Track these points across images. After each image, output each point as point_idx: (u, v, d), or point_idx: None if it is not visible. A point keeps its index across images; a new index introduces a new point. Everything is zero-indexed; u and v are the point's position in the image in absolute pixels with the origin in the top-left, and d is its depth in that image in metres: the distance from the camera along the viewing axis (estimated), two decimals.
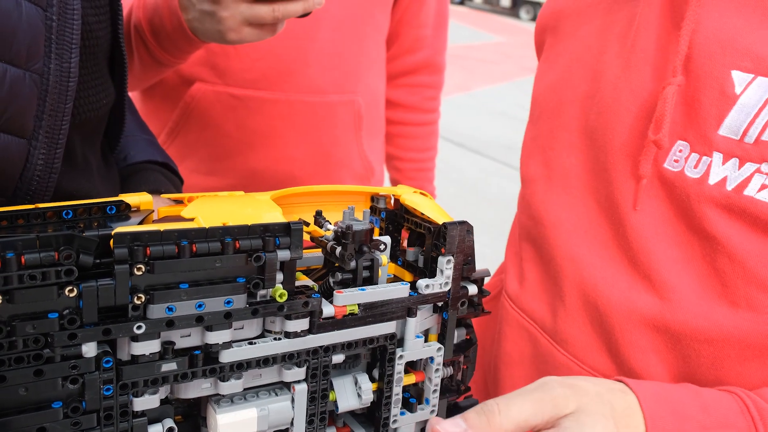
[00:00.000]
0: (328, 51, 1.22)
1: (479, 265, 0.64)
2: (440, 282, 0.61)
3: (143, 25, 1.02)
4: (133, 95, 1.34)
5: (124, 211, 0.56)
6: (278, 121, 1.22)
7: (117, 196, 0.76)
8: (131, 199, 0.56)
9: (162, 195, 0.58)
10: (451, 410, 0.68)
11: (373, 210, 0.70)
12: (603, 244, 0.76)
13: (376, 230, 0.70)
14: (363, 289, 0.58)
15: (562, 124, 0.82)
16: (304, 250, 0.66)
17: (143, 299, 0.48)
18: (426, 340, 0.64)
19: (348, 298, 0.57)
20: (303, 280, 0.60)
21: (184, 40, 0.98)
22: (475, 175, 5.50)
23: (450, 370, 0.66)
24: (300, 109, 1.22)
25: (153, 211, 0.57)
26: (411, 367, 0.64)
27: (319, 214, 0.62)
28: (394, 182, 1.57)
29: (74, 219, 0.53)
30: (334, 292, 0.57)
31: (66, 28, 0.58)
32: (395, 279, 0.68)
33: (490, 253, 3.99)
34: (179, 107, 1.23)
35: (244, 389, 0.55)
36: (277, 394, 0.57)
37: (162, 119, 1.27)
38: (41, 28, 0.56)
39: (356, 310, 0.57)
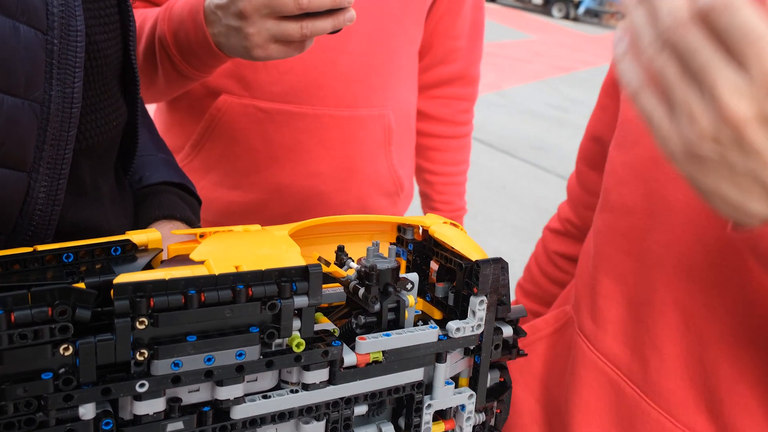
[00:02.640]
0: (358, 64, 1.17)
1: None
2: (472, 324, 0.56)
3: (168, 38, 0.99)
4: (158, 106, 1.30)
5: (130, 252, 0.52)
6: (305, 136, 1.18)
7: (130, 223, 0.73)
8: (138, 237, 0.52)
9: (173, 231, 0.54)
10: None
11: (400, 241, 0.65)
12: (715, 291, 0.67)
13: (403, 263, 0.65)
14: (388, 335, 0.53)
15: None
16: (324, 285, 0.61)
17: (146, 355, 0.44)
18: (456, 386, 0.59)
19: (372, 345, 0.52)
20: (323, 323, 0.55)
21: (210, 55, 0.95)
22: (504, 176, 5.42)
23: (482, 417, 0.61)
24: (328, 123, 1.17)
25: (162, 250, 0.53)
26: (440, 414, 0.59)
27: (341, 250, 0.58)
28: (424, 195, 1.51)
29: (75, 262, 0.49)
30: (357, 338, 0.52)
31: (69, 51, 0.54)
32: (423, 316, 0.63)
33: (519, 257, 3.92)
34: (204, 119, 1.19)
35: None
36: None
37: (186, 131, 1.23)
38: (41, 54, 0.52)
39: (380, 357, 0.53)
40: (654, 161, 0.73)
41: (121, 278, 0.43)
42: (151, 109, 1.31)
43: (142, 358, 0.44)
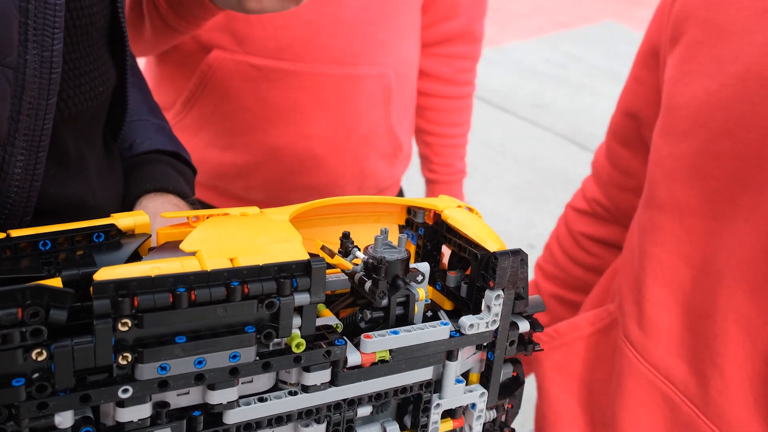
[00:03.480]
0: (358, 18, 1.10)
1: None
2: (487, 320, 0.52)
3: None
4: (147, 60, 1.24)
5: (114, 238, 0.47)
6: (300, 95, 1.12)
7: (119, 197, 0.68)
8: (124, 222, 0.47)
9: (162, 214, 0.49)
10: None
11: (409, 223, 0.60)
12: None
13: (412, 248, 0.60)
14: (396, 332, 0.48)
15: (738, 152, 0.64)
16: (327, 271, 0.57)
17: (130, 358, 0.39)
18: (467, 383, 0.55)
19: (378, 344, 0.48)
20: (325, 317, 0.50)
21: (199, 6, 0.88)
22: (501, 134, 5.34)
23: (493, 414, 0.57)
24: (325, 81, 1.11)
25: (150, 235, 0.48)
26: (449, 413, 0.55)
27: (346, 236, 0.53)
28: (423, 157, 1.46)
29: (53, 250, 0.44)
30: (362, 336, 0.47)
31: (47, 10, 0.48)
32: (432, 305, 0.59)
33: (515, 217, 3.88)
34: (196, 76, 1.13)
35: None
36: None
37: (177, 88, 1.17)
38: (14, 13, 0.46)
39: (387, 356, 0.48)
40: (714, 156, 0.66)
41: (102, 274, 0.38)
42: (141, 62, 1.25)
43: (125, 362, 0.39)
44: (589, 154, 5.10)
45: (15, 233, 0.43)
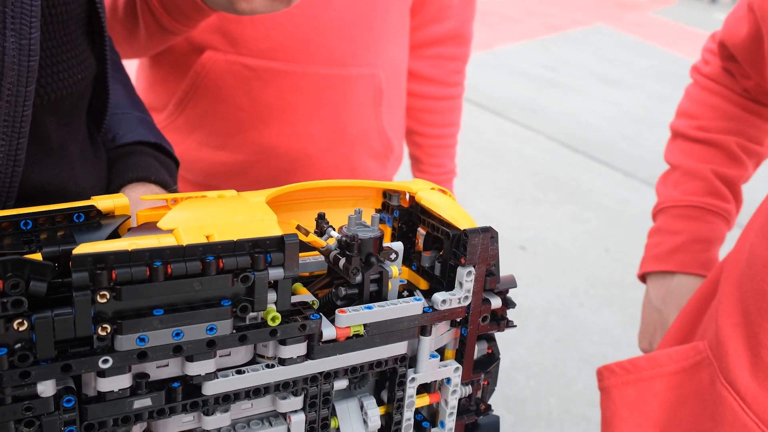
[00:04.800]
0: (348, 20, 1.12)
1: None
2: (459, 296, 0.53)
3: None
4: (141, 61, 1.25)
5: (94, 219, 0.48)
6: (293, 95, 1.13)
7: (102, 185, 0.70)
8: (104, 203, 0.49)
9: (142, 197, 0.50)
10: (469, 431, 0.61)
11: (385, 207, 0.62)
12: None
13: (388, 230, 0.62)
14: (369, 307, 0.50)
15: None
16: (304, 254, 0.58)
17: (109, 330, 0.41)
18: (442, 359, 0.57)
19: (352, 319, 0.49)
20: (302, 294, 0.52)
21: (192, 8, 0.90)
22: (493, 137, 5.37)
23: (468, 389, 0.59)
24: (316, 82, 1.13)
25: (129, 217, 0.50)
26: (425, 388, 0.57)
27: (321, 217, 0.54)
28: (414, 158, 1.47)
29: (35, 230, 0.46)
30: (336, 311, 0.49)
31: None
32: (408, 286, 0.60)
33: (506, 219, 3.90)
34: (189, 76, 1.14)
35: (233, 421, 0.49)
36: (271, 424, 0.50)
37: (170, 89, 1.19)
38: None
39: (362, 331, 0.50)
40: None
41: (81, 248, 0.40)
42: (134, 64, 1.26)
43: (104, 333, 0.41)
44: (581, 157, 5.13)
45: None
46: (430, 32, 1.34)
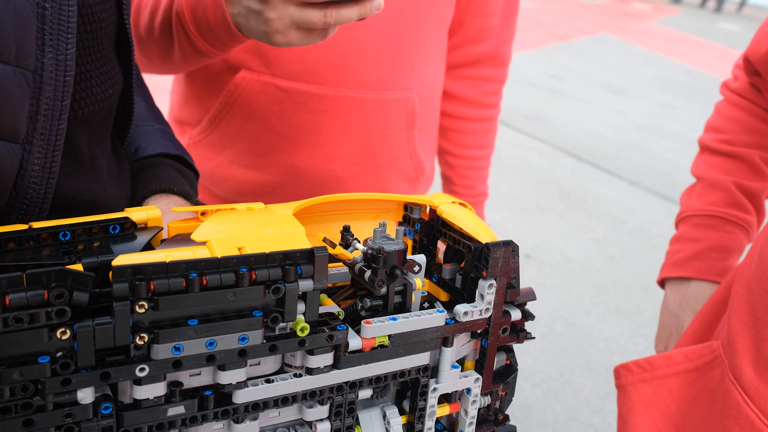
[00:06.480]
0: (385, 44, 1.11)
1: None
2: (481, 308, 0.55)
3: (185, 13, 0.94)
4: (176, 77, 1.26)
5: (129, 230, 0.50)
6: (324, 118, 1.13)
7: (127, 196, 0.71)
8: (138, 215, 0.50)
9: (173, 209, 0.52)
10: None
11: (407, 220, 0.64)
12: None
13: (409, 243, 0.63)
14: (394, 319, 0.51)
15: None
16: (329, 264, 0.60)
17: (146, 339, 0.42)
18: (462, 369, 0.58)
19: (378, 330, 0.50)
20: (327, 306, 0.53)
21: (228, 35, 0.90)
22: (498, 146, 5.40)
23: (487, 399, 0.60)
24: (349, 105, 1.12)
25: (162, 228, 0.51)
26: (445, 398, 0.58)
27: (346, 230, 0.56)
28: (445, 178, 1.44)
29: (72, 241, 0.47)
30: (362, 322, 0.50)
31: (61, 16, 0.51)
32: (429, 297, 0.62)
33: (512, 228, 3.91)
34: (222, 95, 1.14)
35: (261, 429, 0.50)
36: None
37: (204, 105, 1.19)
38: (32, 19, 0.49)
39: (386, 341, 0.51)
40: None
41: (120, 260, 0.41)
42: (169, 79, 1.28)
43: (142, 342, 0.42)
44: (586, 166, 5.15)
45: (37, 225, 0.46)
46: (467, 53, 1.31)
